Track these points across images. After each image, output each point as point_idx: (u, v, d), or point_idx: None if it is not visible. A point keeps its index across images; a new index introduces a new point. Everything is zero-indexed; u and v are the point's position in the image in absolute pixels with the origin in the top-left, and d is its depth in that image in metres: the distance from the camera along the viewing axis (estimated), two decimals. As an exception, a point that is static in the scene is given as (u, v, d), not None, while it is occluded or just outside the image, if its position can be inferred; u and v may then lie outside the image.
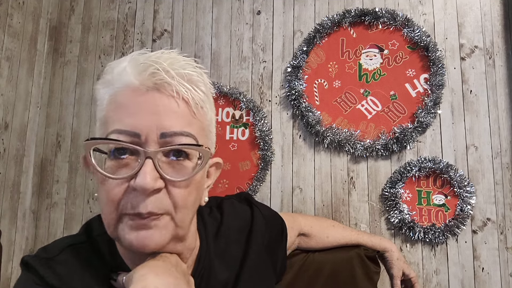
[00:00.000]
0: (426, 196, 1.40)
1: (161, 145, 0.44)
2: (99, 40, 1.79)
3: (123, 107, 0.45)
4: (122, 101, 0.45)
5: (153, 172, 0.42)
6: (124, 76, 0.45)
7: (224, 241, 0.62)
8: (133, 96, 0.45)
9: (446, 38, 1.47)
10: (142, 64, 0.45)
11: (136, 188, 0.42)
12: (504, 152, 1.38)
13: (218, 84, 1.61)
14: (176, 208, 0.45)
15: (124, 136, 0.43)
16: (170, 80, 0.45)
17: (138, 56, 0.47)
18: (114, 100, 0.46)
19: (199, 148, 0.46)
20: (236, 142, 1.59)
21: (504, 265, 1.32)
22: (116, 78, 0.46)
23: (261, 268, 0.65)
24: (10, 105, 1.61)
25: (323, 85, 1.54)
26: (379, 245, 1.16)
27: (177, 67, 0.46)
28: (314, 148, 1.52)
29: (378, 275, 1.28)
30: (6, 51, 1.60)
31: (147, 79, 0.45)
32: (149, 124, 0.44)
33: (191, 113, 0.47)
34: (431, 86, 1.43)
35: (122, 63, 0.47)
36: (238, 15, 1.67)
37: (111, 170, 0.44)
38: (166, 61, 0.46)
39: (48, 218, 1.71)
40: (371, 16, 1.51)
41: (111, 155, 0.45)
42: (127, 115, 0.44)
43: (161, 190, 0.44)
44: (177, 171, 0.45)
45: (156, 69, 0.44)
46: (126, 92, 0.45)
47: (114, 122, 0.45)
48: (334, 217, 1.46)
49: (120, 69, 0.46)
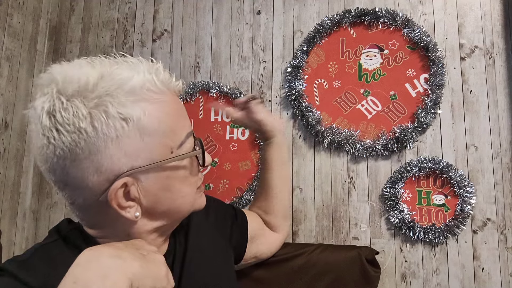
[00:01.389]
0: (426, 196, 1.40)
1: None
2: (99, 40, 1.79)
3: (178, 114, 0.53)
4: (175, 109, 0.52)
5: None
6: (162, 86, 0.50)
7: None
8: (176, 102, 0.53)
9: (446, 38, 1.47)
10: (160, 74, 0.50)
11: (208, 164, 0.58)
12: (504, 152, 1.38)
13: (218, 84, 1.61)
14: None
15: (191, 136, 0.56)
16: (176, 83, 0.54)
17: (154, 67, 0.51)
18: (170, 111, 0.50)
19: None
20: (236, 142, 1.59)
21: (504, 265, 1.32)
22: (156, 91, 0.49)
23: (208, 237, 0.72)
24: (10, 105, 1.61)
25: (323, 85, 1.54)
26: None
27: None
28: (314, 148, 1.52)
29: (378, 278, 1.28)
30: (6, 51, 1.60)
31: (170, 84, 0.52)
32: (189, 122, 0.56)
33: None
34: (431, 86, 1.43)
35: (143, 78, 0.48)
36: (238, 15, 1.67)
37: (193, 166, 0.58)
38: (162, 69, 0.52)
39: (48, 218, 1.71)
40: (371, 16, 1.51)
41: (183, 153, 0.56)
42: (184, 119, 0.54)
43: None
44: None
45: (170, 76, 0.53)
46: (172, 99, 0.52)
47: (182, 128, 0.52)
48: (334, 217, 1.46)
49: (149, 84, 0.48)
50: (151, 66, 0.50)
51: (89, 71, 0.47)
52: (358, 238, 1.43)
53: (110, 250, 0.42)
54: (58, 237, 0.54)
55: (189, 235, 0.65)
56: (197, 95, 1.64)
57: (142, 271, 0.42)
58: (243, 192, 1.55)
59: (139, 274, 0.41)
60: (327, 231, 1.46)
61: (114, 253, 0.41)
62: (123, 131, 0.45)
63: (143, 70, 0.48)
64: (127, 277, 0.40)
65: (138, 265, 0.42)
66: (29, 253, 0.51)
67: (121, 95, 0.45)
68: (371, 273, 1.25)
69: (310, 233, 1.47)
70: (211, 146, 1.60)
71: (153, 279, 0.43)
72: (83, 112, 0.44)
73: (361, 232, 1.44)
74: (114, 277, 0.39)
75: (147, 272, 0.42)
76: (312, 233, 1.47)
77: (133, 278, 0.40)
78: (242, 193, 1.55)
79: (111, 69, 0.47)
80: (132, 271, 0.40)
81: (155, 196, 0.50)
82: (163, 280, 0.44)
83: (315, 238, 1.47)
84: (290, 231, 1.49)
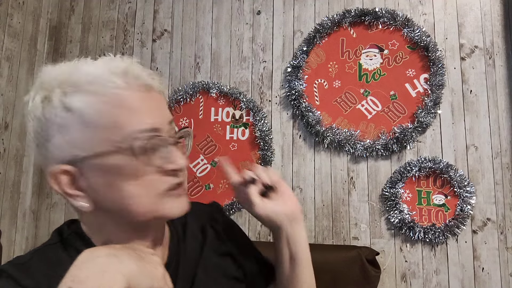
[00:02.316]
0: (426, 196, 1.40)
1: (169, 132, 0.52)
2: (99, 40, 1.79)
3: (137, 108, 0.49)
4: (133, 104, 0.49)
5: (181, 154, 0.52)
6: (117, 80, 0.48)
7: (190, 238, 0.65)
8: (140, 96, 0.50)
9: (446, 38, 1.47)
10: (125, 68, 0.49)
11: (177, 168, 0.51)
12: (504, 152, 1.38)
13: (218, 84, 1.61)
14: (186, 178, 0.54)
15: (154, 132, 0.50)
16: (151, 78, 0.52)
17: (114, 62, 0.50)
18: (122, 105, 0.48)
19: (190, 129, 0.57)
20: (236, 142, 1.59)
21: (504, 265, 1.32)
22: (102, 83, 0.48)
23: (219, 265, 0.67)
24: (10, 105, 1.61)
25: (323, 85, 1.54)
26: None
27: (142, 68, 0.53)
28: (314, 148, 1.52)
29: (378, 278, 1.29)
30: (6, 51, 1.60)
31: (137, 79, 0.50)
32: (160, 118, 0.51)
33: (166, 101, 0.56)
34: (431, 86, 1.43)
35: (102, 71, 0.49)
36: (238, 15, 1.67)
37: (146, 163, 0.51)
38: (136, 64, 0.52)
39: (48, 218, 1.71)
40: (371, 16, 1.51)
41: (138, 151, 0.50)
42: (145, 114, 0.49)
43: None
44: (183, 149, 0.55)
45: (138, 72, 0.50)
46: (131, 94, 0.49)
47: (136, 123, 0.48)
48: (334, 217, 1.46)
49: (105, 77, 0.48)
50: (122, 60, 0.50)
51: (68, 67, 0.51)
52: (358, 238, 1.43)
53: (107, 250, 0.43)
54: (58, 240, 0.54)
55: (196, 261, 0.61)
56: (197, 95, 1.64)
57: (139, 270, 0.42)
58: (243, 192, 1.55)
59: (135, 273, 0.42)
60: (327, 231, 1.46)
61: (111, 252, 0.43)
62: (66, 121, 0.47)
63: (108, 65, 0.49)
64: (123, 275, 0.40)
65: (135, 265, 0.43)
66: (28, 256, 0.52)
67: (67, 86, 0.48)
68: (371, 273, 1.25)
69: (310, 233, 1.47)
70: (211, 146, 1.60)
71: (150, 279, 0.43)
72: (38, 102, 0.48)
73: (361, 232, 1.44)
74: (110, 273, 0.40)
75: (144, 271, 0.43)
76: (312, 233, 1.47)
77: (129, 277, 0.41)
78: (242, 193, 1.55)
79: (81, 63, 0.50)
80: (128, 270, 0.41)
81: (101, 191, 0.49)
82: (160, 280, 0.45)
83: (315, 238, 1.47)
84: (290, 231, 1.49)
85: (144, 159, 0.48)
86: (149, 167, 0.49)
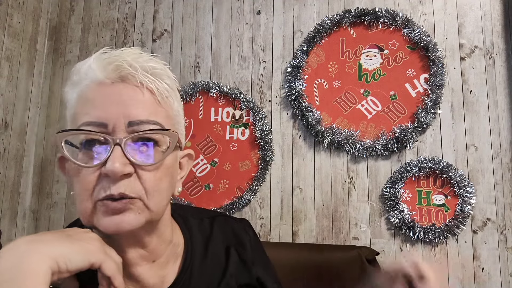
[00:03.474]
0: (426, 196, 1.40)
1: (129, 133, 0.46)
2: (99, 40, 1.79)
3: (90, 101, 0.47)
4: (89, 96, 0.47)
5: (122, 158, 0.44)
6: (90, 73, 0.47)
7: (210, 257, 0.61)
8: (99, 89, 0.47)
9: (446, 38, 1.47)
10: (106, 59, 0.47)
11: (107, 173, 0.43)
12: (504, 152, 1.38)
13: (218, 84, 1.61)
14: (148, 192, 0.46)
15: (92, 127, 0.45)
16: (133, 72, 0.47)
17: (102, 54, 0.49)
18: (82, 97, 0.48)
19: (167, 132, 0.48)
20: (236, 142, 1.59)
21: (504, 265, 1.32)
22: (83, 76, 0.48)
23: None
24: (10, 105, 1.61)
25: (323, 85, 1.54)
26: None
27: (140, 61, 0.48)
28: (314, 148, 1.52)
29: (378, 276, 1.28)
30: (6, 51, 1.60)
31: (112, 72, 0.47)
32: (116, 114, 0.45)
33: (156, 102, 0.49)
34: (431, 86, 1.43)
35: (87, 62, 0.48)
36: (238, 15, 1.67)
37: (83, 161, 0.46)
38: (129, 56, 0.48)
39: (48, 218, 1.71)
40: (371, 16, 1.51)
41: (82, 148, 0.46)
42: (94, 107, 0.46)
43: (132, 175, 0.45)
44: (147, 157, 0.47)
45: (119, 63, 0.47)
46: (92, 87, 0.47)
47: (82, 116, 0.46)
48: (334, 217, 1.46)
49: (86, 67, 0.48)
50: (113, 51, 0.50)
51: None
52: (358, 238, 1.43)
53: (30, 237, 0.42)
54: None
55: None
56: (197, 95, 1.64)
57: (69, 249, 0.41)
58: (243, 192, 1.55)
59: (65, 253, 0.40)
60: (327, 231, 1.46)
61: (33, 238, 0.41)
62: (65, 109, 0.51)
63: (98, 56, 0.49)
64: (48, 257, 0.39)
65: (61, 244, 0.41)
66: None
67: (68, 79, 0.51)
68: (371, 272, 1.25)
69: (310, 233, 1.47)
70: (211, 146, 1.60)
71: (84, 255, 0.42)
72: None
73: (361, 232, 1.44)
74: (30, 260, 0.38)
75: (76, 249, 0.42)
76: (312, 233, 1.47)
77: (57, 257, 0.40)
78: (242, 193, 1.55)
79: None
80: (55, 251, 0.40)
81: (70, 180, 0.49)
82: (97, 254, 0.43)
83: (315, 238, 1.47)
84: (290, 231, 1.49)
85: (84, 156, 0.45)
86: (89, 167, 0.45)
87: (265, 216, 1.52)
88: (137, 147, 0.46)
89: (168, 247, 0.55)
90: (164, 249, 0.54)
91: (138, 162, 0.45)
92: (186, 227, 0.61)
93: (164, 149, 0.48)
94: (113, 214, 0.44)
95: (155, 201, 0.47)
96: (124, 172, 0.44)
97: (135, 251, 0.50)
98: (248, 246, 0.64)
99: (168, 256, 0.55)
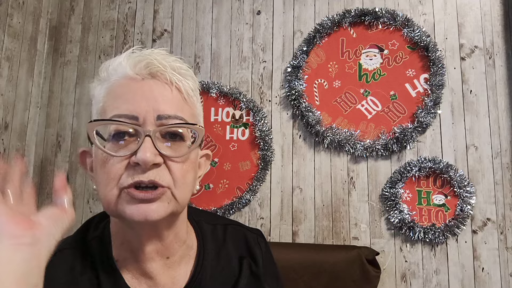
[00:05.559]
0: (426, 196, 1.40)
1: (158, 126, 0.47)
2: (99, 40, 1.79)
3: (120, 95, 0.49)
4: (119, 91, 0.49)
5: (152, 148, 0.45)
6: (120, 69, 0.50)
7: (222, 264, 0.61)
8: (130, 85, 0.49)
9: (446, 38, 1.47)
10: (137, 57, 0.50)
11: (138, 161, 0.45)
12: (504, 152, 1.38)
13: (218, 84, 1.61)
14: (176, 182, 0.48)
15: (124, 119, 0.47)
16: (163, 69, 0.49)
17: (132, 53, 0.51)
18: (111, 91, 0.49)
19: (194, 126, 0.50)
20: (236, 142, 1.59)
21: (504, 265, 1.32)
22: (112, 72, 0.50)
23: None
24: (10, 105, 1.61)
25: (323, 85, 1.54)
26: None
27: (168, 60, 0.51)
28: (314, 148, 1.52)
29: (378, 278, 1.29)
30: (6, 51, 1.60)
31: (143, 69, 0.49)
32: (146, 108, 0.47)
33: (182, 99, 0.51)
34: (431, 86, 1.43)
35: (118, 59, 0.51)
36: (238, 15, 1.67)
37: (112, 151, 0.47)
38: (158, 55, 0.50)
39: (48, 218, 1.71)
40: (371, 16, 1.51)
41: (111, 139, 0.48)
42: (125, 101, 0.48)
43: (161, 166, 0.47)
44: (174, 150, 0.49)
45: (150, 60, 0.49)
46: (123, 82, 0.49)
47: (113, 109, 0.48)
48: (334, 217, 1.46)
49: (116, 64, 0.50)
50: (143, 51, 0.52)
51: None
52: (358, 238, 1.43)
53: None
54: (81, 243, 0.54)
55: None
56: (197, 95, 1.64)
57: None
58: (243, 192, 1.55)
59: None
60: (327, 231, 1.46)
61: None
62: (92, 104, 0.53)
63: (128, 55, 0.51)
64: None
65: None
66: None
67: (96, 76, 0.53)
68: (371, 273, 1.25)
69: (310, 233, 1.47)
70: (211, 146, 1.60)
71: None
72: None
73: (361, 232, 1.44)
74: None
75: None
76: (312, 233, 1.47)
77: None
78: (242, 193, 1.55)
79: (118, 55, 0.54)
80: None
81: (94, 173, 0.50)
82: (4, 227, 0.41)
83: (315, 238, 1.47)
84: (290, 231, 1.49)
85: (112, 146, 0.47)
86: (119, 156, 0.46)
87: (265, 216, 1.52)
88: (165, 140, 0.48)
89: (182, 247, 0.56)
90: (178, 248, 0.55)
91: (167, 153, 0.47)
92: (200, 231, 0.62)
93: (188, 144, 0.51)
94: (140, 203, 0.45)
95: (181, 192, 0.49)
96: (154, 162, 0.45)
97: (152, 244, 0.51)
98: (260, 261, 0.64)
99: (181, 256, 0.56)
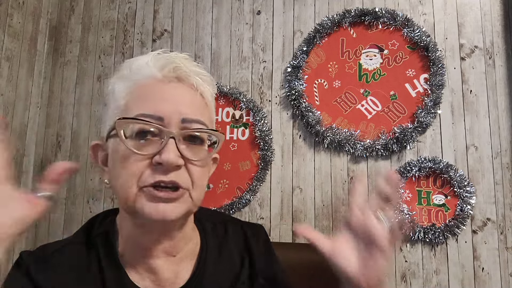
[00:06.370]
0: (426, 196, 1.40)
1: (181, 129, 0.49)
2: (99, 40, 1.79)
3: (146, 95, 0.50)
4: (145, 91, 0.51)
5: (176, 150, 0.47)
6: (146, 70, 0.51)
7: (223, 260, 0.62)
8: (156, 86, 0.51)
9: (446, 38, 1.47)
10: (164, 60, 0.52)
11: (162, 161, 0.46)
12: (504, 152, 1.38)
13: (218, 84, 1.61)
14: (194, 184, 0.50)
15: (149, 119, 0.48)
16: (189, 74, 0.52)
17: (158, 55, 0.53)
18: (136, 90, 0.51)
19: (217, 133, 0.52)
20: (236, 142, 1.59)
21: (504, 265, 1.32)
22: (136, 71, 0.52)
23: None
24: (10, 105, 1.61)
25: (323, 85, 1.54)
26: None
27: (192, 65, 0.53)
28: (314, 148, 1.52)
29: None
30: (6, 51, 1.60)
31: (170, 72, 0.51)
32: (171, 110, 0.49)
33: (204, 104, 0.54)
34: (431, 86, 1.43)
35: (143, 59, 0.53)
36: (238, 15, 1.67)
37: (134, 149, 0.48)
38: (183, 60, 0.53)
39: (48, 218, 1.71)
40: (371, 16, 1.51)
41: (133, 137, 0.49)
42: (152, 102, 0.49)
43: (181, 168, 0.49)
44: (194, 153, 0.50)
45: (178, 64, 0.51)
46: (149, 82, 0.51)
47: (138, 108, 0.49)
48: (334, 217, 1.46)
49: (140, 64, 0.52)
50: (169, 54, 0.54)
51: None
52: (358, 238, 1.43)
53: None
54: (84, 240, 0.55)
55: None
56: (197, 95, 1.64)
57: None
58: (243, 192, 1.55)
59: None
60: (327, 231, 1.46)
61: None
62: (108, 99, 0.54)
63: (154, 57, 0.53)
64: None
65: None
66: (53, 250, 0.53)
67: (118, 71, 0.54)
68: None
69: (310, 233, 1.47)
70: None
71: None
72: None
73: (361, 232, 1.43)
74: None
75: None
76: (312, 233, 1.47)
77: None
78: (242, 193, 1.55)
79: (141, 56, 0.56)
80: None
81: (109, 169, 0.52)
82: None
83: (315, 238, 1.46)
84: (290, 231, 1.49)
85: (135, 144, 0.48)
86: (143, 154, 0.47)
87: (265, 216, 1.52)
88: (186, 144, 0.50)
89: (187, 244, 0.57)
90: (184, 245, 0.57)
91: (188, 156, 0.49)
92: (202, 229, 0.63)
93: (206, 147, 0.53)
94: (159, 202, 0.47)
95: (197, 194, 0.51)
96: (177, 163, 0.47)
97: (161, 243, 0.53)
98: (258, 257, 0.65)
99: (186, 252, 0.57)
